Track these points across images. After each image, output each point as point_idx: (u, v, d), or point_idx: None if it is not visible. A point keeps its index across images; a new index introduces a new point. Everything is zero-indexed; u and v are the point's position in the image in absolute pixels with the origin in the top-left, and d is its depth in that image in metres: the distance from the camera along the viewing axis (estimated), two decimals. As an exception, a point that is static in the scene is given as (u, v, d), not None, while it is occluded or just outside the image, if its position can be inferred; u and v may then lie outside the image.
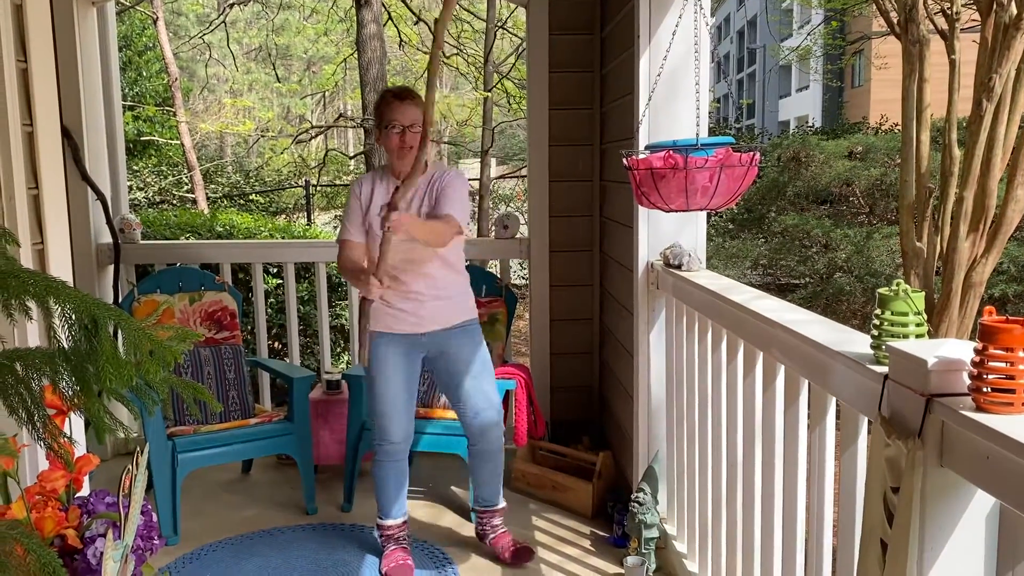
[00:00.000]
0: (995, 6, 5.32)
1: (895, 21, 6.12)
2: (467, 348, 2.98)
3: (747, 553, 2.30)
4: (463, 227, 2.84)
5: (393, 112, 2.80)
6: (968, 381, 1.28)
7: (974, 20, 6.14)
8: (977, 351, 1.26)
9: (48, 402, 1.43)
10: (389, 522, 3.08)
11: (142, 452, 1.32)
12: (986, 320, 1.24)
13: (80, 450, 1.78)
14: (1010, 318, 1.24)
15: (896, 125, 11.64)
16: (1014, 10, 5.17)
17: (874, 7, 7.20)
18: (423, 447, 3.47)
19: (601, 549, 3.22)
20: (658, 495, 3.05)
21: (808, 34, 19.49)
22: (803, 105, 29.65)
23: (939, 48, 6.07)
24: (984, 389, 1.24)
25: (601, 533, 3.34)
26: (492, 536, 3.13)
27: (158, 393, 1.17)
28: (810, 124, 21.44)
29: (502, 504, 3.16)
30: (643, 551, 2.95)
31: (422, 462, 3.96)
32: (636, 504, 2.97)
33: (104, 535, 1.53)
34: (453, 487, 3.78)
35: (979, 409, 1.25)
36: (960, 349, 1.34)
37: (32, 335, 2.24)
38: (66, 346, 1.05)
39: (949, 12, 5.98)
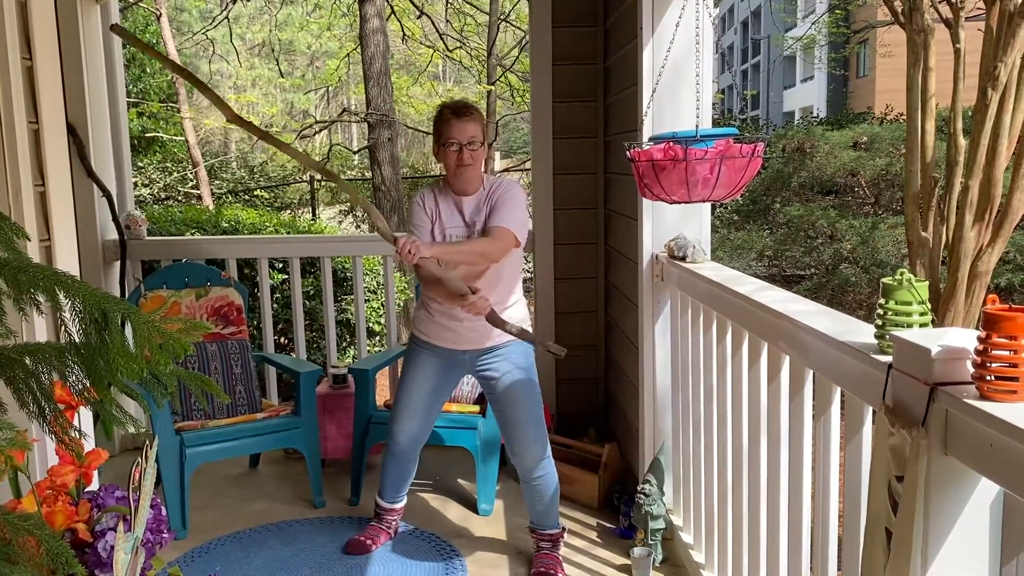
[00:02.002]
0: (1000, -6, 5.30)
1: (899, 10, 6.10)
2: (508, 378, 2.87)
3: (753, 543, 2.31)
4: (518, 238, 2.75)
5: (451, 129, 2.73)
6: (972, 369, 1.29)
7: (979, 8, 6.12)
8: (980, 339, 1.26)
9: (57, 397, 1.44)
10: (380, 502, 3.18)
11: (151, 446, 1.33)
12: (989, 308, 1.25)
13: (89, 445, 1.80)
14: (1013, 306, 1.25)
15: (901, 115, 11.59)
16: (1019, -2, 5.15)
17: (878, -4, 7.18)
18: (429, 440, 3.48)
19: (608, 540, 3.23)
20: (664, 486, 3.06)
21: (812, 24, 19.44)
22: (808, 95, 29.55)
23: (944, 37, 6.04)
24: (988, 377, 1.25)
25: (608, 524, 3.35)
26: (535, 554, 3.04)
27: (167, 386, 1.18)
28: (815, 114, 21.38)
29: (549, 530, 3.01)
30: (650, 542, 2.97)
31: (428, 454, 3.96)
32: (642, 495, 2.99)
33: (114, 529, 1.54)
34: (459, 479, 3.80)
35: (983, 397, 1.25)
36: (964, 337, 1.35)
37: (40, 330, 2.25)
38: (77, 340, 1.06)
39: (953, 0, 5.95)
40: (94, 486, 1.77)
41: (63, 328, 1.07)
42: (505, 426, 2.93)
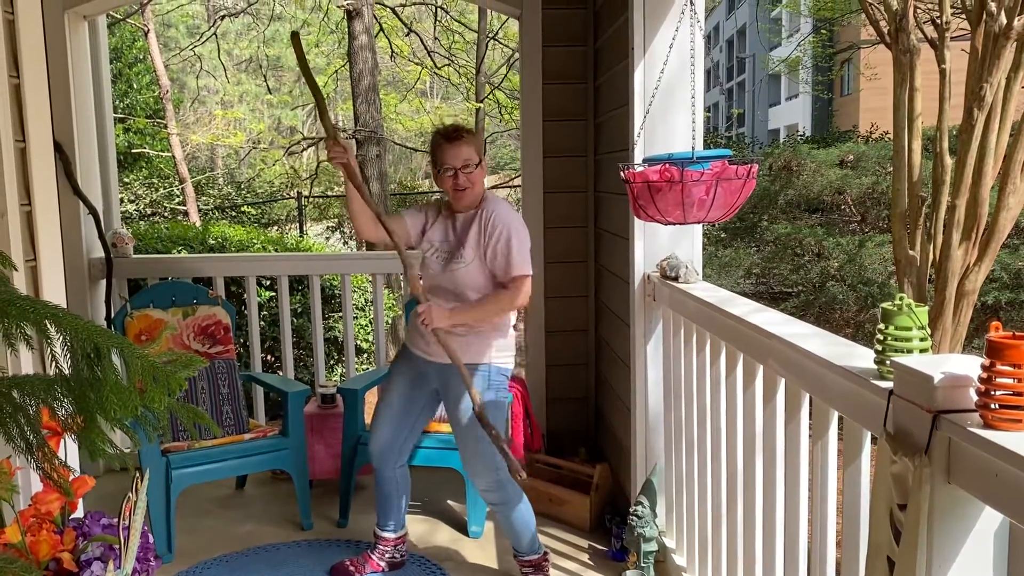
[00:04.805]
0: (985, 15, 5.35)
1: (885, 31, 6.15)
2: (456, 401, 2.80)
3: (748, 568, 2.28)
4: (529, 275, 2.77)
5: (445, 155, 2.73)
6: (975, 397, 1.27)
7: (963, 29, 6.18)
8: (984, 367, 1.25)
9: (45, 424, 1.41)
10: (376, 530, 3.11)
11: (141, 480, 1.30)
12: (993, 336, 1.24)
13: (74, 469, 1.76)
14: (1016, 333, 1.24)
15: (886, 133, 11.70)
16: (1003, 19, 5.20)
17: (864, 16, 7.24)
18: (417, 461, 3.44)
19: (599, 563, 3.19)
20: (656, 508, 3.03)
21: (797, 44, 19.61)
22: (793, 114, 29.78)
23: (929, 57, 6.10)
24: (992, 406, 1.23)
25: (599, 547, 3.32)
26: None
27: (158, 419, 1.15)
28: (800, 132, 21.54)
29: (527, 556, 2.96)
30: (642, 565, 2.94)
31: (417, 476, 3.92)
32: (634, 517, 2.96)
33: (100, 559, 1.50)
34: (449, 501, 3.76)
35: (987, 426, 1.24)
36: (966, 364, 1.34)
37: (26, 362, 2.21)
38: (67, 373, 1.03)
39: (939, 21, 6.01)
40: (79, 513, 1.73)
41: (53, 361, 1.04)
42: (454, 433, 2.91)
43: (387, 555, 3.09)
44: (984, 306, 7.75)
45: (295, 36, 2.70)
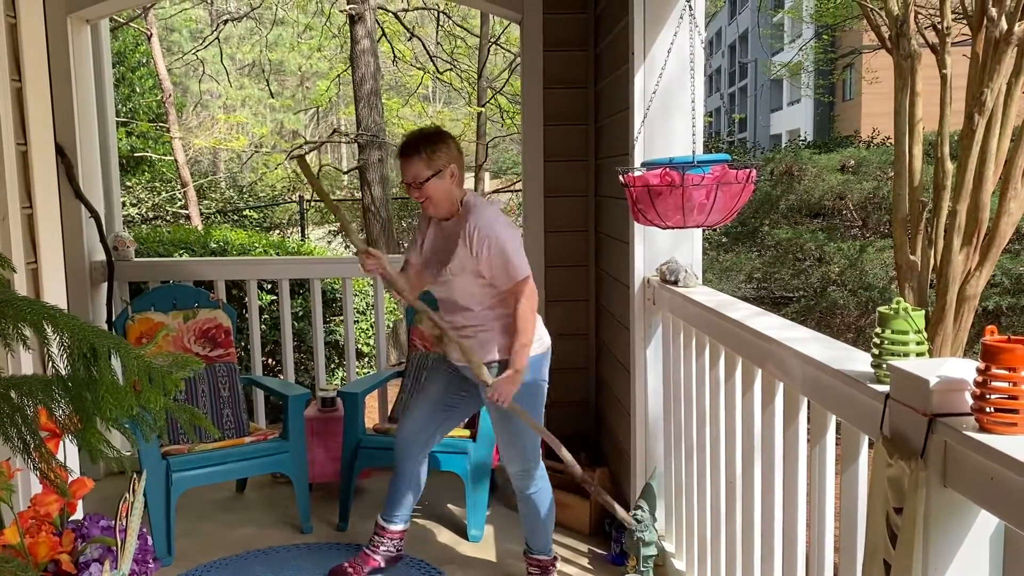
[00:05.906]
0: (985, 21, 5.36)
1: (886, 36, 6.16)
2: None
3: (747, 571, 2.28)
4: (527, 276, 2.74)
5: (401, 171, 2.75)
6: (971, 401, 1.28)
7: (964, 34, 6.19)
8: (980, 371, 1.25)
9: (43, 425, 1.42)
10: (380, 521, 3.11)
11: (139, 478, 1.30)
12: (988, 340, 1.24)
13: (74, 471, 1.76)
14: (1012, 337, 1.24)
15: (888, 138, 11.70)
16: (1004, 25, 5.21)
17: (865, 21, 7.25)
18: (420, 464, 3.45)
19: (599, 567, 3.19)
20: (656, 512, 3.03)
21: (799, 49, 19.63)
22: (795, 118, 29.79)
23: (930, 62, 6.10)
24: (987, 409, 1.24)
25: (599, 551, 3.32)
26: None
27: (155, 420, 1.15)
28: (802, 137, 21.55)
29: (537, 555, 2.98)
30: (641, 569, 2.94)
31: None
32: (634, 521, 2.96)
33: (99, 560, 1.51)
34: (450, 504, 3.76)
35: (982, 429, 1.24)
36: (962, 368, 1.34)
37: (26, 363, 2.21)
38: (64, 373, 1.03)
39: (940, 27, 6.02)
40: (78, 515, 1.74)
41: (50, 361, 1.04)
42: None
43: (383, 547, 3.08)
44: (985, 311, 7.74)
45: (302, 160, 2.76)
